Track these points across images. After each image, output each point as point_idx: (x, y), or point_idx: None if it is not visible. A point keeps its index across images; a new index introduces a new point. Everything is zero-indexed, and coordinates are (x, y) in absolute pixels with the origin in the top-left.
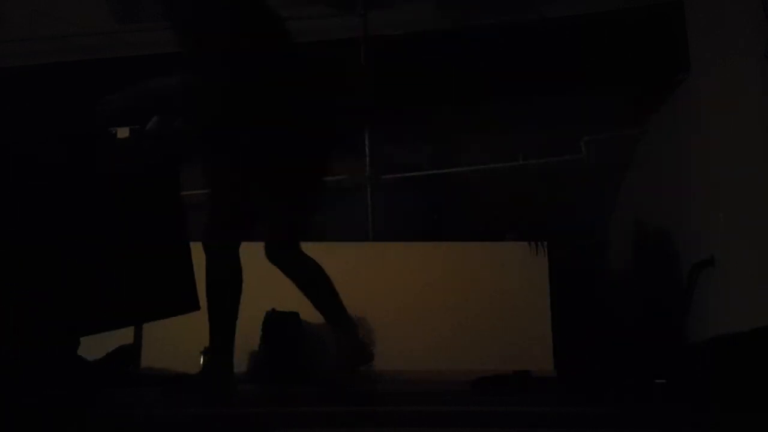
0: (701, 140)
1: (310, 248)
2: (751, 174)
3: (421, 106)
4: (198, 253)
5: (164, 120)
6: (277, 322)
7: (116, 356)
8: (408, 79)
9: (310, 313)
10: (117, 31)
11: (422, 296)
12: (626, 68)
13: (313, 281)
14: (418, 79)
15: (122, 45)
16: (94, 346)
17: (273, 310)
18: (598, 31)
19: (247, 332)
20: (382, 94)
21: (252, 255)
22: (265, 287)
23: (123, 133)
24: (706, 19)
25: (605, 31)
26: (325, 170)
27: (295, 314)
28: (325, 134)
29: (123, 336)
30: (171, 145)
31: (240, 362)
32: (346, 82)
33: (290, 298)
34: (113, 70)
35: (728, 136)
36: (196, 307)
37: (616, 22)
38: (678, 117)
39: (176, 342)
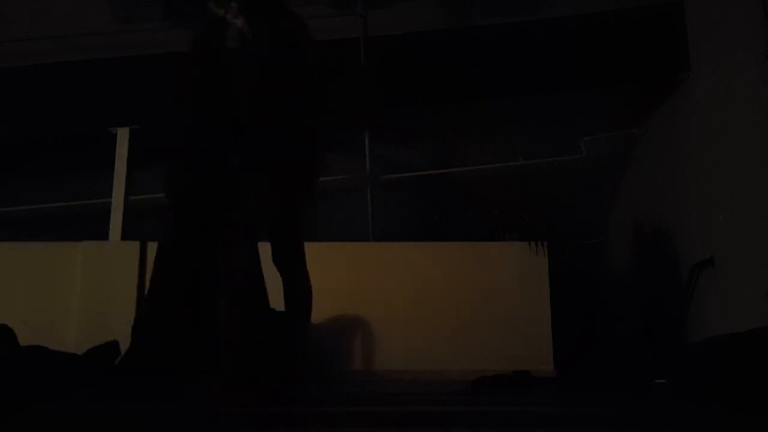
0: (701, 140)
1: (310, 248)
2: (751, 174)
3: (421, 106)
4: None
5: None
6: (277, 322)
7: (101, 352)
8: (408, 79)
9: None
10: (117, 31)
11: (422, 296)
12: (626, 68)
13: (299, 300)
14: (418, 79)
15: (122, 45)
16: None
17: (273, 309)
18: (598, 31)
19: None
20: (382, 94)
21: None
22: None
23: (123, 133)
24: (706, 19)
25: (606, 31)
26: (320, 172)
27: None
28: (324, 135)
29: (122, 334)
30: None
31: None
32: (346, 82)
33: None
34: (113, 70)
35: (728, 137)
36: None
37: (617, 22)
38: (678, 117)
39: None
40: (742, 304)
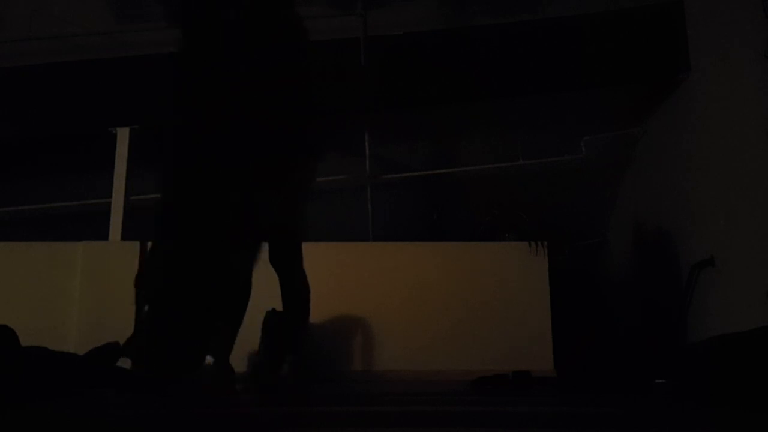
0: (701, 140)
1: (310, 248)
2: (751, 174)
3: (422, 105)
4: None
5: None
6: (277, 322)
7: (103, 352)
8: (408, 79)
9: (311, 314)
10: (117, 31)
11: (422, 296)
12: (626, 68)
13: (297, 300)
14: (418, 79)
15: (122, 45)
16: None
17: (273, 310)
18: (598, 31)
19: (247, 332)
20: (382, 94)
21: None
22: (265, 287)
23: (123, 133)
24: (706, 19)
25: (606, 31)
26: (316, 171)
27: None
28: (322, 135)
29: (122, 334)
30: None
31: (240, 362)
32: (346, 82)
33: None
34: (113, 70)
35: (728, 136)
36: None
37: (617, 22)
38: (678, 117)
39: None
40: (742, 304)
